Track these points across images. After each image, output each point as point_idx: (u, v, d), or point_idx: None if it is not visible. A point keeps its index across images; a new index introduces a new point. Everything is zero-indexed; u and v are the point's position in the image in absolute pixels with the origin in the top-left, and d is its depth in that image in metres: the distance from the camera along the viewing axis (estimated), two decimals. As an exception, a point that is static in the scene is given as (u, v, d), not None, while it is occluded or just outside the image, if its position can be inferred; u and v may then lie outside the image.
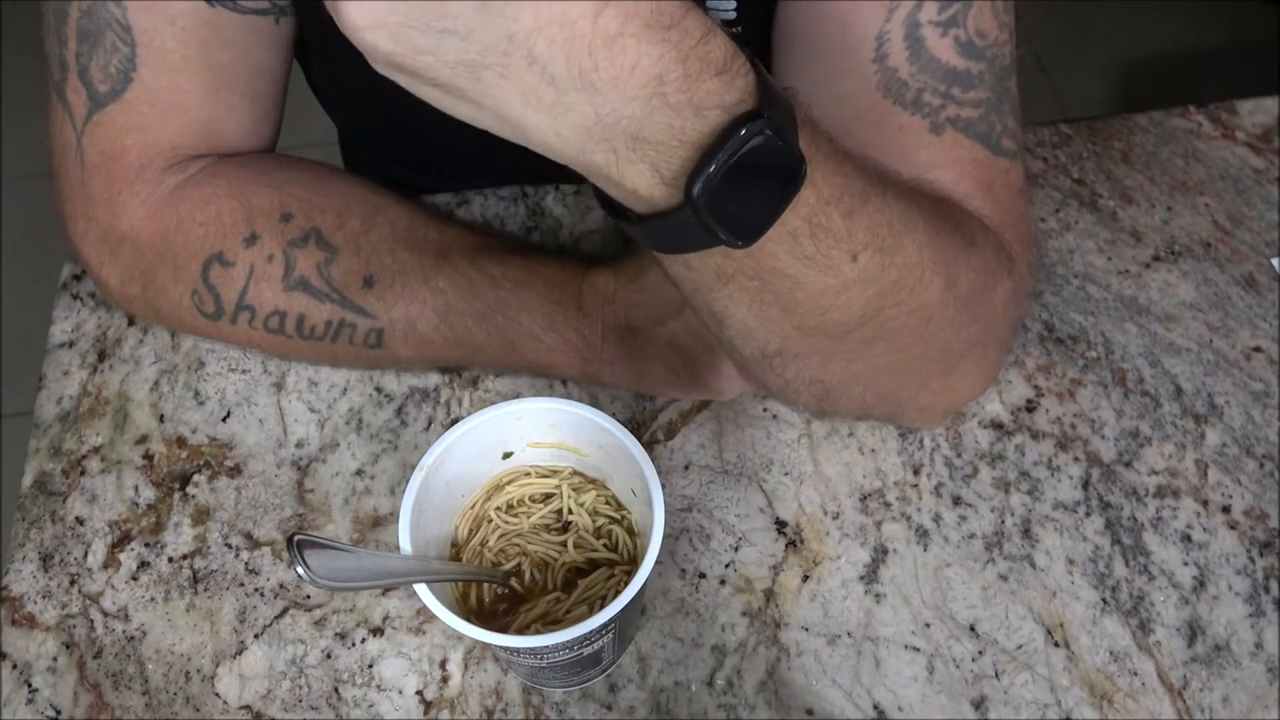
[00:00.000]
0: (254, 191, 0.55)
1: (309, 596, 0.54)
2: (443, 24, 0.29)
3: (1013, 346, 0.59)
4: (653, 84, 0.31)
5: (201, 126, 0.55)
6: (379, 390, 0.60)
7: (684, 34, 0.31)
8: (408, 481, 0.44)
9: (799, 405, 0.57)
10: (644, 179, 0.35)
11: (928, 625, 0.52)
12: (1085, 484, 0.57)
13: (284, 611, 0.53)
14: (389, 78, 0.32)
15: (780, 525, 0.55)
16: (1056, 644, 0.52)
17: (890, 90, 0.49)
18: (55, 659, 0.52)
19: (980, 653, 0.52)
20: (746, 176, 0.34)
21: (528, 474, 0.50)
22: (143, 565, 0.55)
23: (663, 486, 0.44)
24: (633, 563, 0.47)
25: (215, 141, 0.56)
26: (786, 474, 0.57)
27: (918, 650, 0.52)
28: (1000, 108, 0.50)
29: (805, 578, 0.54)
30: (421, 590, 0.42)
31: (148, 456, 0.58)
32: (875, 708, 0.50)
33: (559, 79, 0.31)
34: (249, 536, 0.56)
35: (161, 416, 0.60)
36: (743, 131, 0.33)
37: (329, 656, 0.52)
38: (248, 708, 0.51)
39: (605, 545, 0.48)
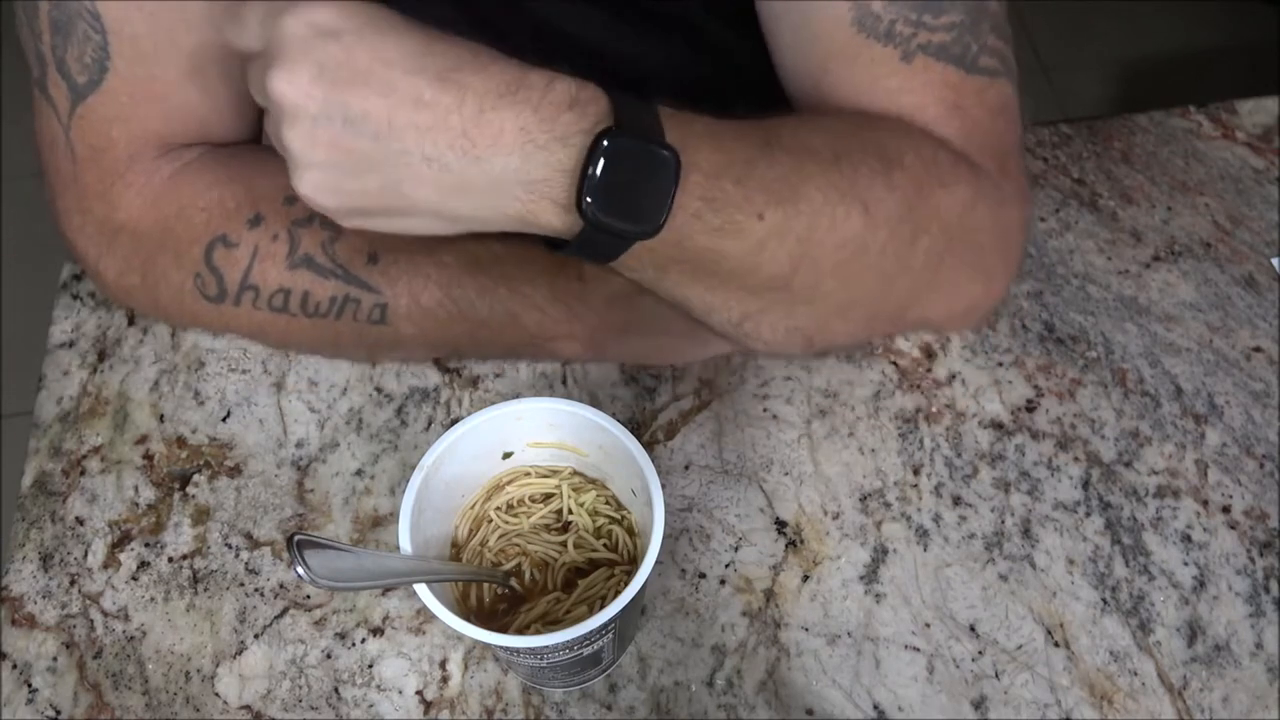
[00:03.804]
0: (257, 177, 0.55)
1: (309, 596, 0.54)
2: (355, 165, 0.41)
3: (1020, 250, 0.57)
4: (520, 135, 0.40)
5: (182, 112, 0.55)
6: (379, 390, 0.60)
7: (529, 90, 0.40)
8: (408, 481, 0.44)
9: (798, 355, 0.60)
10: (549, 213, 0.42)
11: (928, 625, 0.52)
12: (1085, 484, 0.57)
13: (284, 611, 0.53)
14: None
15: (780, 525, 0.55)
16: (1056, 644, 0.52)
17: (864, 25, 0.51)
18: (55, 659, 0.52)
19: (980, 653, 0.52)
20: (628, 178, 0.41)
21: (528, 474, 0.50)
22: (143, 565, 0.55)
23: (663, 486, 0.44)
24: (633, 563, 0.47)
25: (200, 128, 0.56)
26: (786, 474, 0.57)
27: (918, 650, 0.52)
28: (977, 28, 0.51)
29: (805, 578, 0.54)
30: (421, 590, 0.42)
31: (148, 456, 0.58)
32: (875, 708, 0.50)
33: (452, 165, 0.40)
34: (249, 536, 0.56)
35: (161, 416, 0.60)
36: (604, 144, 0.40)
37: (329, 656, 0.52)
38: (248, 708, 0.51)
39: (605, 545, 0.48)
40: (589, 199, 0.40)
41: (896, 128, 0.52)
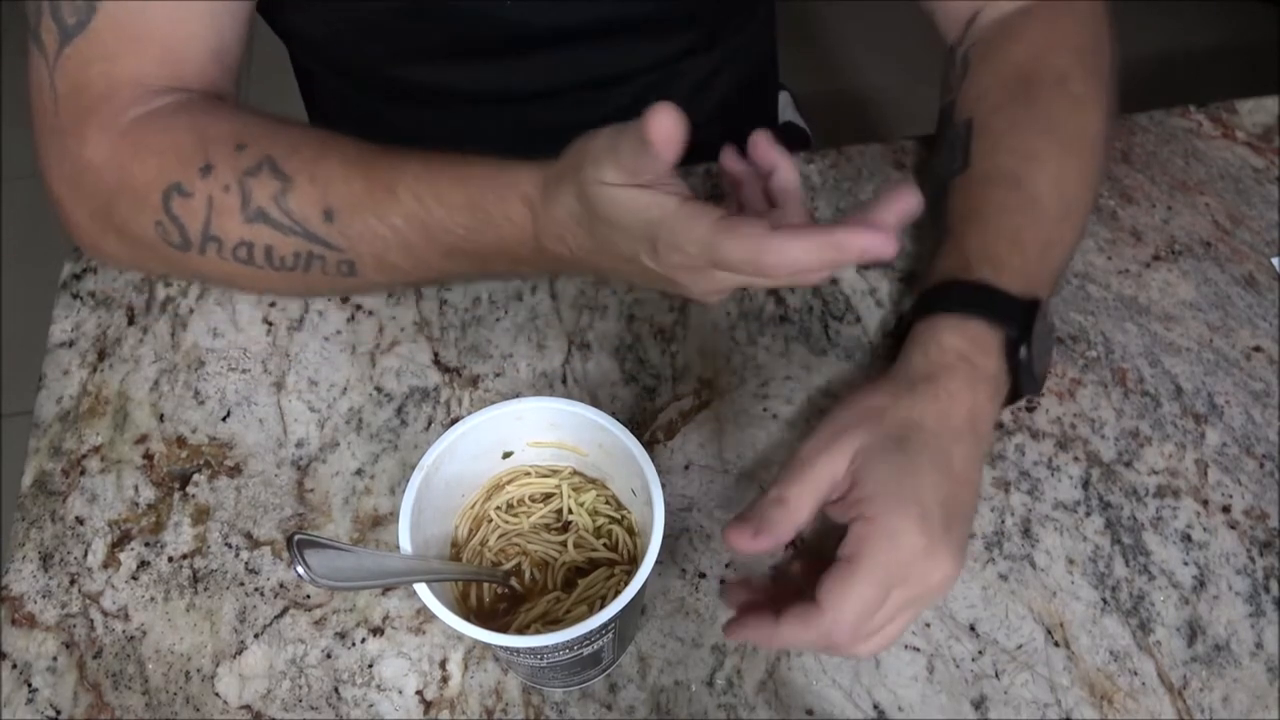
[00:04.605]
0: (210, 124, 0.56)
1: (309, 596, 0.54)
2: None
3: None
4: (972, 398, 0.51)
5: (163, 54, 0.56)
6: (379, 390, 0.60)
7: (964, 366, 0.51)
8: (408, 481, 0.44)
9: None
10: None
11: (928, 625, 0.52)
12: (1085, 484, 0.57)
13: (284, 611, 0.53)
14: None
15: (780, 525, 0.55)
16: (1056, 644, 0.52)
17: None
18: (55, 659, 0.52)
19: (980, 653, 0.52)
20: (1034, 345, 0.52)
21: (528, 474, 0.50)
22: (143, 565, 0.55)
23: (663, 486, 0.44)
24: (633, 563, 0.47)
25: (177, 70, 0.57)
26: (786, 474, 0.57)
27: (918, 650, 0.52)
28: None
29: (805, 577, 0.54)
30: (421, 590, 0.42)
31: (148, 456, 0.58)
32: (875, 708, 0.50)
33: None
34: (249, 536, 0.56)
35: (161, 416, 0.60)
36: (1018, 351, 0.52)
37: (329, 656, 0.52)
38: (248, 708, 0.51)
39: (605, 545, 0.48)
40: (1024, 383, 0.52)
41: (1008, 66, 0.61)
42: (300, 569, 0.38)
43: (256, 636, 0.53)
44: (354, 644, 0.52)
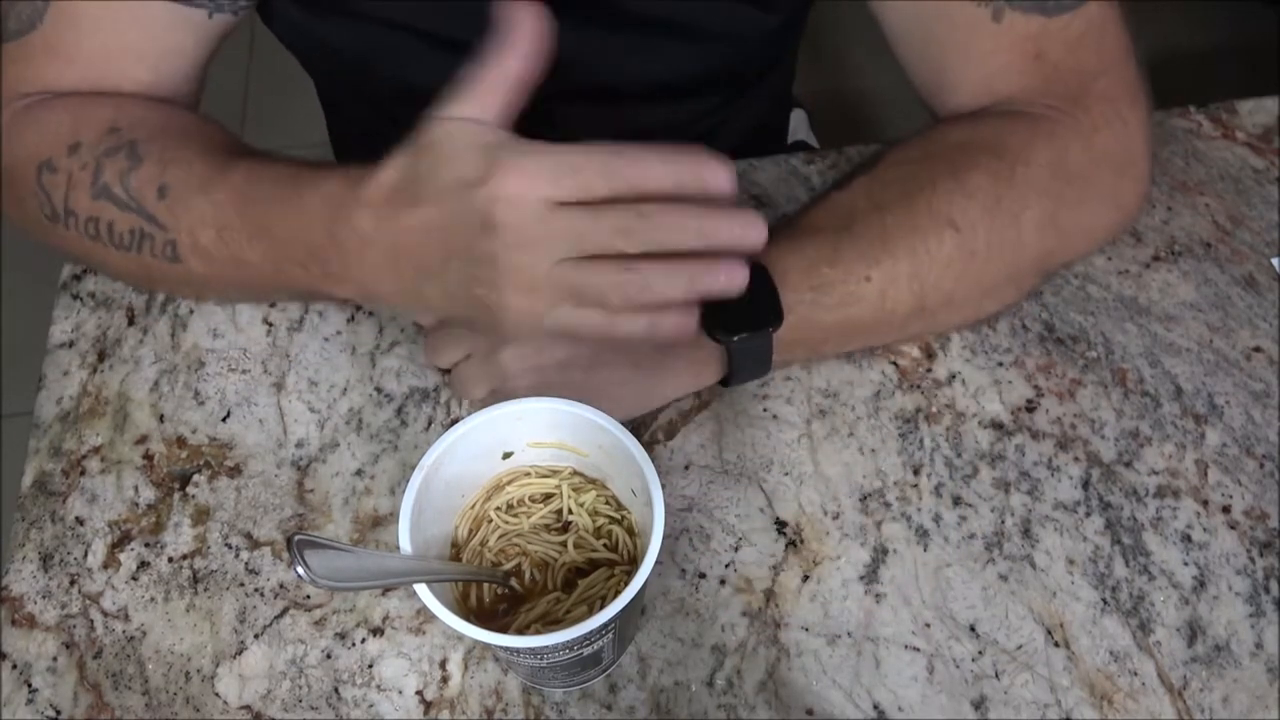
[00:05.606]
0: (92, 107, 0.57)
1: (309, 596, 0.54)
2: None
3: (1139, 158, 0.59)
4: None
5: (90, 85, 0.58)
6: (379, 390, 0.60)
7: None
8: (408, 481, 0.44)
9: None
10: (708, 376, 0.56)
11: (928, 625, 0.52)
12: (1085, 484, 0.57)
13: (284, 611, 0.53)
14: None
15: (780, 525, 0.55)
16: (1056, 644, 0.52)
17: None
18: (55, 659, 0.52)
19: (980, 653, 0.52)
20: (747, 311, 0.51)
21: (528, 474, 0.50)
22: (143, 565, 0.55)
23: (663, 486, 0.44)
24: (633, 563, 0.47)
25: (103, 87, 0.59)
26: (786, 474, 0.57)
27: (918, 650, 0.52)
28: None
29: (805, 578, 0.54)
30: (421, 590, 0.42)
31: (148, 456, 0.58)
32: (875, 708, 0.50)
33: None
34: (249, 536, 0.56)
35: (161, 416, 0.60)
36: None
37: (329, 656, 0.52)
38: (248, 708, 0.51)
39: (605, 545, 0.48)
40: (731, 354, 0.53)
41: (967, 133, 0.57)
42: (300, 569, 0.38)
43: (256, 637, 0.53)
44: (354, 644, 0.52)
